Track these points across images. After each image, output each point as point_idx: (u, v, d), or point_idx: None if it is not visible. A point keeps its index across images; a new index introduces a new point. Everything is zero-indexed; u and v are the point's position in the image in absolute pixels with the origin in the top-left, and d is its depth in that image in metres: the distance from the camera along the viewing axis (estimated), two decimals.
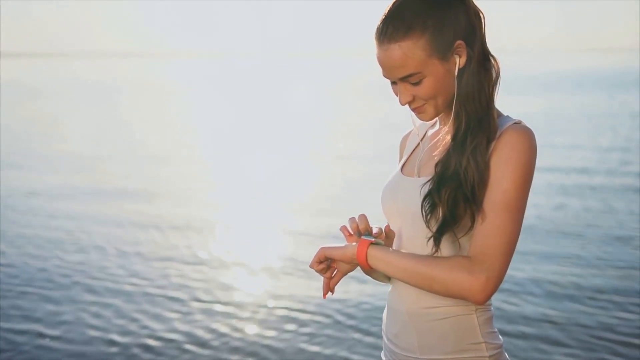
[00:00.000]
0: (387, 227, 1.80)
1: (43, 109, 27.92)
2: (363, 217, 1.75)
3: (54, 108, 28.24)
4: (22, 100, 32.86)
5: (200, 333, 5.30)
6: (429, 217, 1.64)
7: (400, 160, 1.93)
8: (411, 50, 1.62)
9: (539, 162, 1.67)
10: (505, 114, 1.72)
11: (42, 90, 41.75)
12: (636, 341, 4.98)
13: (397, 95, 1.72)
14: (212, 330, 5.34)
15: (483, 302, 1.59)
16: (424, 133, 1.89)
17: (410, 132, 1.97)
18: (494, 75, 1.68)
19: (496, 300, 5.73)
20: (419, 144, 1.87)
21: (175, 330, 5.35)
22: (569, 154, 13.81)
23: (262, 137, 18.57)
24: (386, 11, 1.66)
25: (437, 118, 1.81)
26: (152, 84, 51.36)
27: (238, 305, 5.83)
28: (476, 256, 1.59)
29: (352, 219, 1.76)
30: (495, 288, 1.58)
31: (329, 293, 1.81)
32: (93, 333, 5.31)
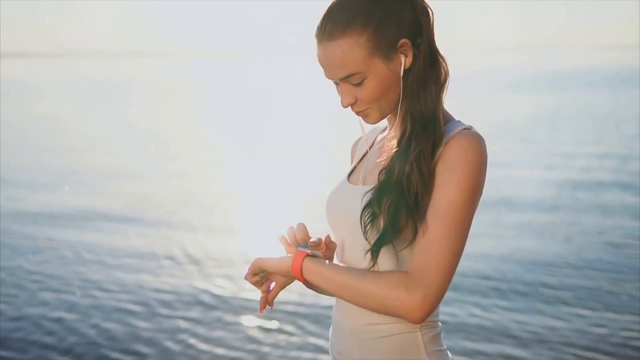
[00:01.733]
0: (328, 238, 1.68)
1: (65, 108, 27.66)
2: (302, 226, 1.64)
3: (77, 108, 27.95)
4: (43, 100, 32.57)
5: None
6: (367, 228, 1.52)
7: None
8: (351, 48, 1.51)
9: (545, 163, 1.53)
10: (457, 118, 1.61)
11: (60, 90, 41.45)
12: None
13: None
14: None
15: (420, 320, 1.47)
16: (374, 138, 1.78)
17: (361, 137, 1.86)
18: (443, 76, 1.57)
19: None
20: (367, 150, 1.76)
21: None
22: (573, 152, 13.70)
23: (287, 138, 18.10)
24: (327, 8, 1.55)
25: (387, 122, 1.70)
26: (173, 84, 50.72)
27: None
28: (415, 271, 1.47)
29: (290, 229, 1.65)
30: (433, 306, 1.46)
31: (267, 307, 1.70)
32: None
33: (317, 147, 15.76)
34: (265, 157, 14.56)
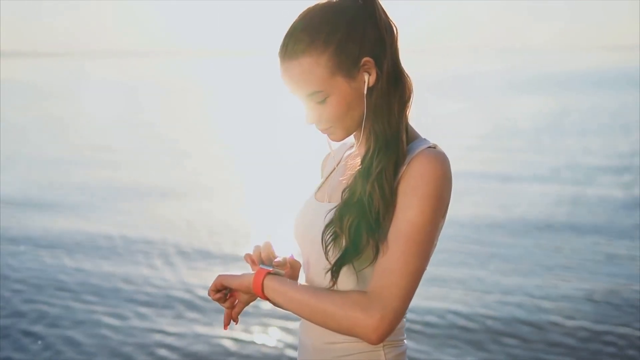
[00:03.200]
0: (292, 257, 1.68)
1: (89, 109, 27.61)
2: (267, 244, 1.64)
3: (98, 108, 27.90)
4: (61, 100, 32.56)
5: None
6: (329, 247, 1.52)
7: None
8: (312, 67, 1.51)
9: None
10: (422, 137, 1.60)
11: (78, 90, 41.35)
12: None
13: None
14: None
15: (377, 342, 1.46)
16: (342, 155, 1.78)
17: (333, 152, 1.85)
18: (407, 94, 1.57)
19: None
20: (335, 167, 1.75)
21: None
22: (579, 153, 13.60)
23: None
24: (289, 27, 1.55)
25: (354, 139, 1.70)
26: (197, 84, 50.27)
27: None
28: (373, 292, 1.47)
29: (256, 247, 1.65)
30: (390, 328, 1.46)
31: (232, 323, 1.70)
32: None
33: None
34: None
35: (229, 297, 1.66)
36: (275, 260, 1.61)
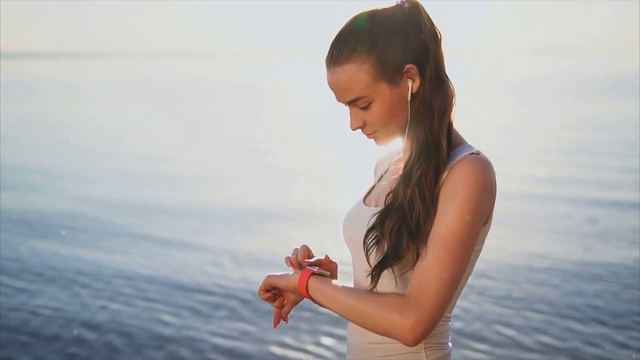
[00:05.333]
0: (326, 258, 1.72)
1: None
2: (304, 247, 1.69)
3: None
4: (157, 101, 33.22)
5: None
6: (370, 251, 1.56)
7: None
8: (355, 73, 1.55)
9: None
10: (468, 143, 1.63)
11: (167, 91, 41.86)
12: None
13: None
14: None
15: (412, 344, 1.49)
16: (391, 160, 1.81)
17: (383, 157, 1.89)
18: (449, 99, 1.59)
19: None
20: (383, 173, 1.80)
21: None
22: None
23: None
24: (335, 35, 1.60)
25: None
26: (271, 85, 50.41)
27: None
28: (410, 295, 1.50)
29: (295, 250, 1.70)
30: (426, 330, 1.48)
31: (282, 322, 1.76)
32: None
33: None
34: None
35: (278, 297, 1.72)
36: (306, 260, 1.66)
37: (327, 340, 5.16)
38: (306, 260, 1.66)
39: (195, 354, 5.00)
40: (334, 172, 12.72)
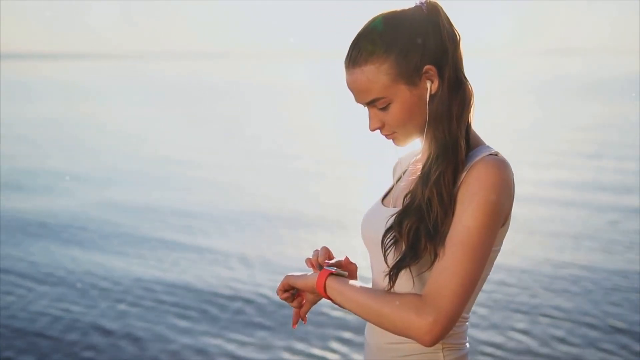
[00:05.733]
0: (346, 259, 1.74)
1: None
2: (324, 249, 1.70)
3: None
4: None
5: None
6: (388, 251, 1.57)
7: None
8: (374, 74, 1.56)
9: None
10: (486, 144, 1.63)
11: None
12: None
13: None
14: None
15: (429, 344, 1.50)
16: (409, 161, 1.82)
17: (402, 158, 1.90)
18: (467, 101, 1.60)
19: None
20: (401, 174, 1.80)
21: None
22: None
23: None
24: (354, 36, 1.61)
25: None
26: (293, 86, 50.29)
27: None
28: (428, 296, 1.50)
29: (315, 251, 1.71)
30: (443, 331, 1.49)
31: (300, 322, 1.77)
32: None
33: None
34: None
35: (297, 297, 1.73)
36: (326, 261, 1.67)
37: (335, 345, 5.16)
38: (326, 261, 1.67)
39: (203, 358, 5.00)
40: (354, 175, 12.63)
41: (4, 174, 12.83)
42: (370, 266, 1.74)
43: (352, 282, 1.62)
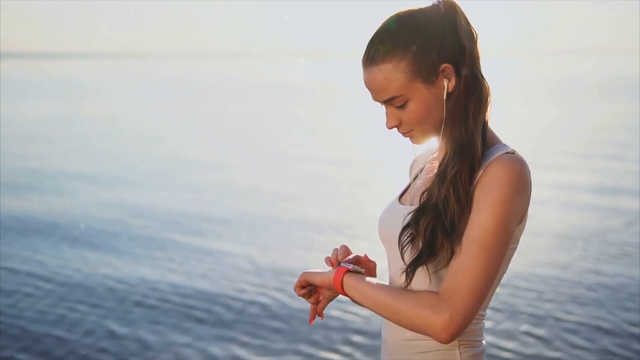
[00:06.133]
0: (365, 256, 1.75)
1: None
2: (344, 247, 1.72)
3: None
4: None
5: None
6: (405, 248, 1.58)
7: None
8: (391, 73, 1.58)
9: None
10: (503, 142, 1.64)
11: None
12: None
13: None
14: None
15: (446, 341, 1.51)
16: (426, 159, 1.83)
17: (418, 157, 1.91)
18: (483, 99, 1.61)
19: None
20: (418, 172, 1.82)
21: None
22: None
23: None
24: (372, 35, 1.63)
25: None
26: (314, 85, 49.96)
27: None
28: (444, 292, 1.51)
29: (335, 250, 1.73)
30: (459, 328, 1.50)
31: (317, 318, 1.78)
32: None
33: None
34: None
35: (314, 293, 1.74)
36: (346, 258, 1.69)
37: (342, 347, 5.16)
38: (348, 258, 1.69)
39: None
40: (372, 177, 12.48)
41: (13, 173, 12.91)
42: (387, 263, 1.75)
43: (368, 279, 1.63)
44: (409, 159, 1.90)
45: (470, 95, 1.59)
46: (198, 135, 19.68)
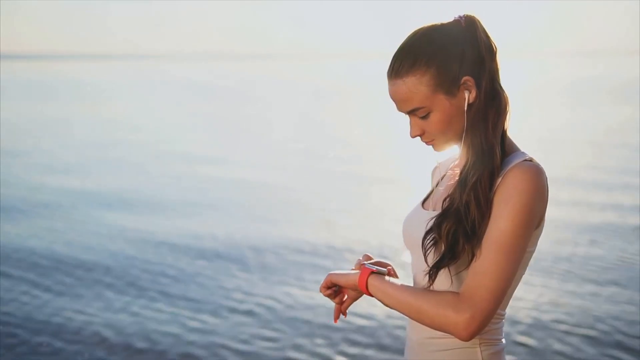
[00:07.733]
0: (391, 269, 1.85)
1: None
2: (366, 257, 1.82)
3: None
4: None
5: None
6: (428, 251, 1.67)
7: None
8: (415, 85, 1.66)
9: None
10: (521, 150, 1.72)
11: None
12: None
13: None
14: None
15: (466, 339, 1.60)
16: (448, 167, 1.92)
17: (440, 164, 1.99)
18: (502, 109, 1.69)
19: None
20: (440, 179, 1.90)
21: None
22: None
23: None
24: (396, 49, 1.72)
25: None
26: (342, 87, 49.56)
27: None
28: (465, 293, 1.61)
29: (358, 260, 1.83)
30: (479, 327, 1.59)
31: (341, 317, 1.88)
32: None
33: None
34: None
35: (339, 294, 1.84)
36: (371, 261, 1.80)
37: (346, 348, 5.16)
38: (372, 261, 1.79)
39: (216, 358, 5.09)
40: (392, 183, 12.21)
41: (23, 172, 13.07)
42: (411, 265, 1.84)
43: (392, 279, 1.72)
44: (425, 166, 1.98)
45: (490, 106, 1.68)
46: (216, 134, 19.55)
